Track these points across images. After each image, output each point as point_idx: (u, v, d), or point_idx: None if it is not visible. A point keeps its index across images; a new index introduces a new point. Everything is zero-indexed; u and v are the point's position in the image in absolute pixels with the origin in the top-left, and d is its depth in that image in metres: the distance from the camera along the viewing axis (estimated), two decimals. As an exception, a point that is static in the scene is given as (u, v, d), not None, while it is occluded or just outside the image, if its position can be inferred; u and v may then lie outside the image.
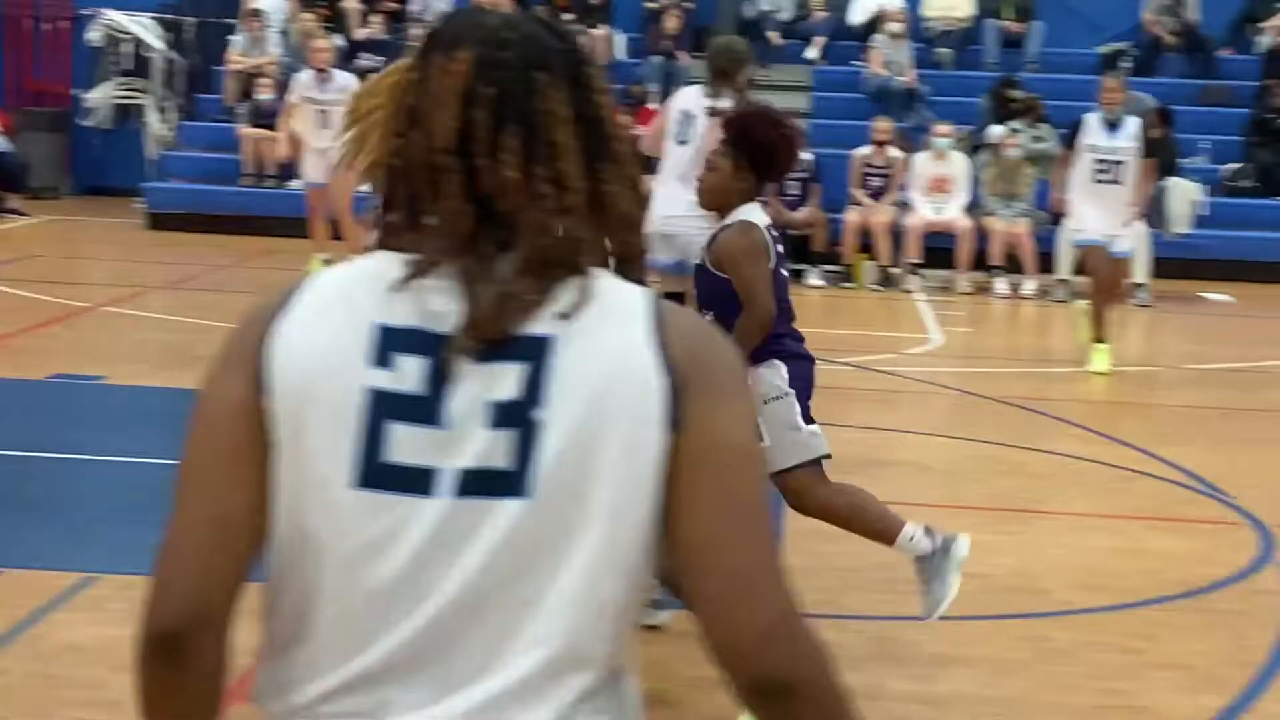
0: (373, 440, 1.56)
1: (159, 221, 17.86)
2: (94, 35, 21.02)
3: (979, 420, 9.54)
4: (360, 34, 20.19)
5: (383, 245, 1.67)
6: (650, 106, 16.19)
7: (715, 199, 5.89)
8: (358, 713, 1.56)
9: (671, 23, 19.23)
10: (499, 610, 1.56)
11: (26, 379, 9.41)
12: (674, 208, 8.34)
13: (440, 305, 1.59)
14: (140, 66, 20.94)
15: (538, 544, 1.55)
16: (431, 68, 1.62)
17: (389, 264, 1.63)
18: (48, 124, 20.23)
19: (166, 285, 14.13)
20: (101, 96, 20.94)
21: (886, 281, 14.99)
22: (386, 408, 1.56)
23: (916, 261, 15.06)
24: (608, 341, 1.60)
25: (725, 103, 8.49)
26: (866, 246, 15.28)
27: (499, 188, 1.57)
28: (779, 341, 5.56)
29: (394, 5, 20.81)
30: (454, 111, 1.60)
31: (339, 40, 19.49)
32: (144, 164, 20.01)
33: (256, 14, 19.60)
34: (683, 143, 9.35)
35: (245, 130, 17.58)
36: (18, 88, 21.44)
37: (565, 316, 1.59)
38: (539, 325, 1.55)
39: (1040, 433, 9.18)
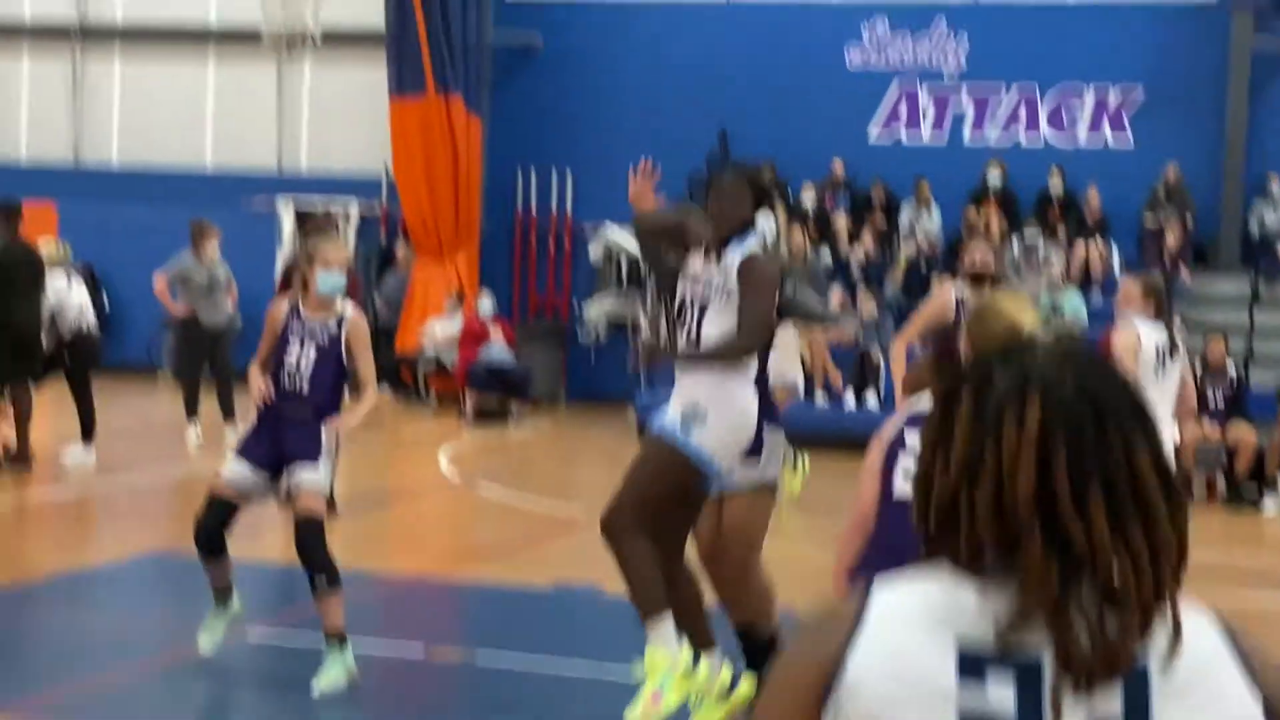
0: None
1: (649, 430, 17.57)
2: (594, 252, 21.93)
3: None
4: (850, 252, 20.30)
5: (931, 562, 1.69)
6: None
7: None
8: None
9: (1173, 238, 18.88)
10: None
11: (530, 586, 9.68)
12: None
13: (1028, 637, 1.61)
14: (633, 281, 21.46)
15: None
16: (1001, 420, 1.62)
17: (960, 589, 1.64)
18: (548, 336, 20.90)
19: (658, 494, 13.98)
20: (597, 310, 21.60)
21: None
22: None
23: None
24: (1203, 665, 1.63)
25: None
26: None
27: (1081, 539, 1.57)
28: None
29: (882, 227, 20.72)
30: (1031, 468, 1.61)
31: (826, 258, 20.24)
32: (630, 377, 20.46)
33: (752, 231, 19.60)
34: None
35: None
36: (523, 302, 22.39)
37: (1162, 647, 1.61)
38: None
39: None
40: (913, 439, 4.95)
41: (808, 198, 21.03)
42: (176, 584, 10.14)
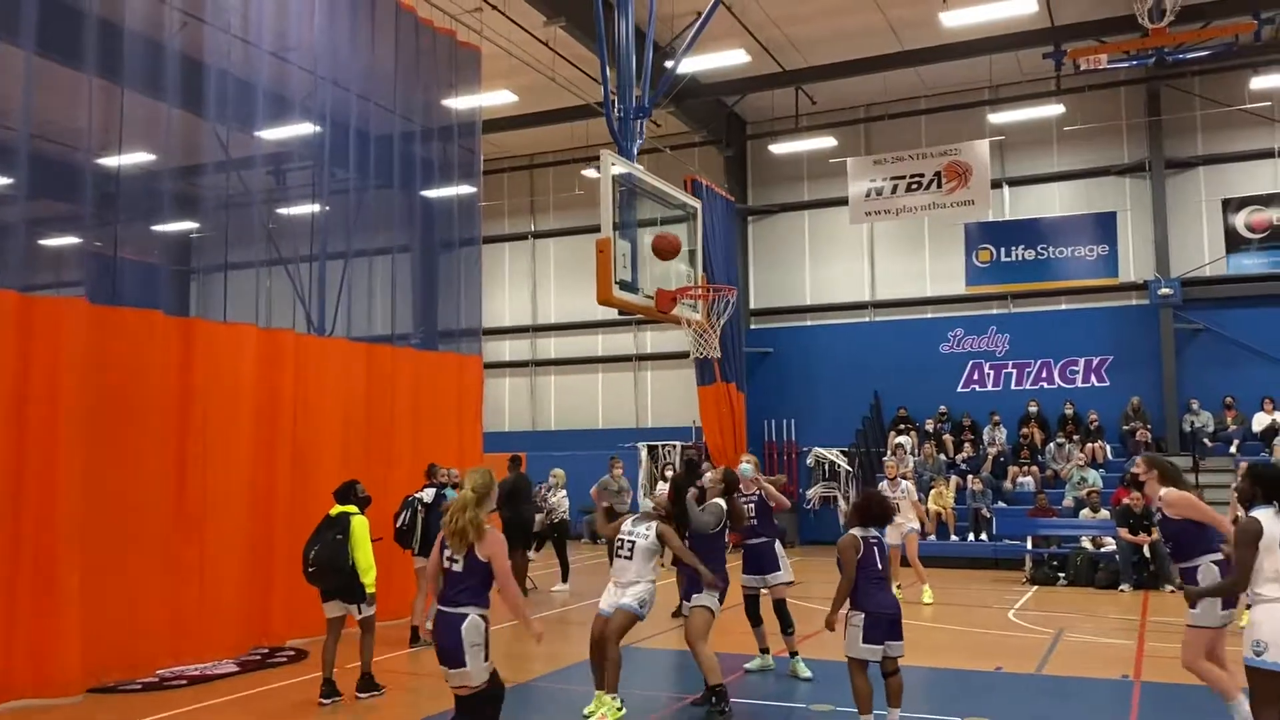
0: None
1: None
2: (810, 460, 25.88)
3: None
4: (956, 454, 23.70)
5: None
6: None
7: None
8: None
9: (1142, 434, 22.44)
10: None
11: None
12: None
13: None
14: (832, 475, 25.43)
15: None
16: None
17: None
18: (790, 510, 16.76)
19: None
20: (813, 492, 25.34)
21: None
22: None
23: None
24: None
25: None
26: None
27: None
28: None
29: (970, 438, 23.95)
30: None
31: (942, 457, 23.12)
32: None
33: (899, 446, 23.32)
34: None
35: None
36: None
37: None
38: None
39: None
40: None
41: (929, 426, 24.66)
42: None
